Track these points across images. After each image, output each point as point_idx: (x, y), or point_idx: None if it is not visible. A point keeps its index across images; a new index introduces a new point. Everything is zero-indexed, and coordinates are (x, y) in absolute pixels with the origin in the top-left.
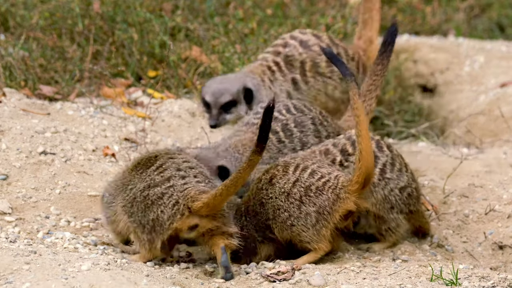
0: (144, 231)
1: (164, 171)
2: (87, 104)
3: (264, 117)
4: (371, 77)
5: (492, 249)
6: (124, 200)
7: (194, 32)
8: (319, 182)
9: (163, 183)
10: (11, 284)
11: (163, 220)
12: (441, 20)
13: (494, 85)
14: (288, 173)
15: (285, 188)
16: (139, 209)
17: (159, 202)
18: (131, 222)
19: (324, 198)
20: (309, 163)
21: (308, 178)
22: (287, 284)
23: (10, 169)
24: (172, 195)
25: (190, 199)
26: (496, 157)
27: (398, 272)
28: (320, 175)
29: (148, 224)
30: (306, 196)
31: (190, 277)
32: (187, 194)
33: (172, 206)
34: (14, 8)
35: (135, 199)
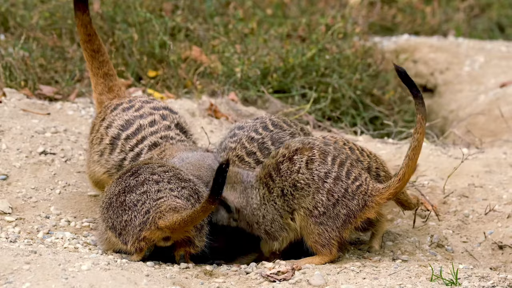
0: (116, 233)
1: (138, 176)
2: (87, 104)
3: (216, 175)
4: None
5: (492, 249)
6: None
7: (194, 32)
8: (353, 185)
9: (138, 188)
10: (11, 284)
11: (134, 225)
12: (441, 20)
13: (494, 85)
14: (327, 163)
15: (328, 183)
16: (114, 213)
17: (133, 208)
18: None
19: (355, 203)
20: (344, 157)
21: (346, 179)
22: (287, 284)
23: (10, 169)
24: (145, 202)
25: (158, 214)
26: (496, 157)
27: (398, 272)
28: (354, 177)
29: (119, 225)
30: (344, 197)
31: (190, 277)
32: (158, 206)
33: (144, 214)
34: (14, 8)
35: (111, 204)
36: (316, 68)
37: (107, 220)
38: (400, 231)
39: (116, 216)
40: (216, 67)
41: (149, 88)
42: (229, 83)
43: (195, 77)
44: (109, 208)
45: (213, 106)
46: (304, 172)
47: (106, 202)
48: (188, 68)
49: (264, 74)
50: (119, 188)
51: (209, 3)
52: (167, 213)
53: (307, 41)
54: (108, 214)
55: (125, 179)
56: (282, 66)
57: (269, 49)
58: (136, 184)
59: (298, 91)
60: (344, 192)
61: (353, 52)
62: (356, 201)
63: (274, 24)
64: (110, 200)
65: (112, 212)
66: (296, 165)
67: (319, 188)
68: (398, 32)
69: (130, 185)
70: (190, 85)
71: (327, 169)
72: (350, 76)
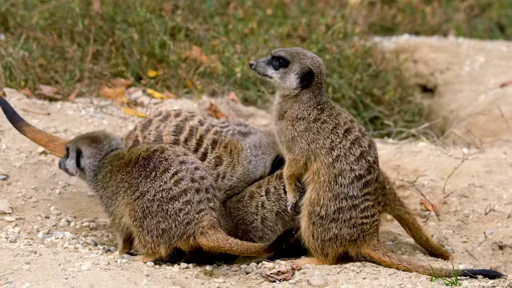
0: (150, 235)
1: (179, 182)
2: (87, 104)
3: (283, 236)
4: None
5: (492, 249)
6: (130, 203)
7: (194, 32)
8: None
9: (180, 197)
10: (11, 284)
11: (173, 233)
12: (441, 20)
13: (494, 85)
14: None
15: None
16: (152, 218)
17: (174, 217)
18: (135, 226)
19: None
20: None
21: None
22: (287, 284)
23: (10, 169)
24: (189, 213)
25: (199, 230)
26: (496, 157)
27: (398, 272)
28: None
29: (156, 231)
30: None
31: (190, 277)
32: (200, 221)
33: (185, 225)
34: (14, 8)
35: (147, 208)
36: None
37: (143, 223)
38: (400, 231)
39: (155, 222)
40: (216, 67)
41: (149, 88)
42: (229, 83)
43: (195, 77)
44: (147, 213)
45: (213, 106)
46: (347, 177)
47: (142, 203)
48: (188, 68)
49: None
50: (155, 188)
51: (209, 3)
52: (209, 230)
53: (307, 41)
54: (146, 221)
55: (160, 176)
56: None
57: (269, 49)
58: (179, 192)
59: None
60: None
61: (353, 52)
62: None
63: (274, 24)
64: (147, 204)
65: (151, 218)
66: (354, 166)
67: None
68: (398, 32)
69: (172, 191)
70: (190, 85)
71: (356, 194)
72: (350, 76)
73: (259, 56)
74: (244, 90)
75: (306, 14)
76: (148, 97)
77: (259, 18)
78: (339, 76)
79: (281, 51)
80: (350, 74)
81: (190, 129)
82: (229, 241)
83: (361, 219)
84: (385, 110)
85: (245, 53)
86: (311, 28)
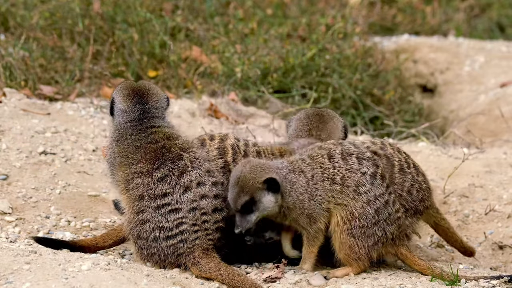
0: (140, 252)
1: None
2: (87, 104)
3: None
4: None
5: (492, 249)
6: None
7: (194, 32)
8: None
9: (176, 236)
10: (11, 284)
11: (163, 259)
12: (441, 20)
13: (494, 85)
14: (383, 185)
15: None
16: (146, 241)
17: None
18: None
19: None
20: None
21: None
22: (287, 284)
23: (10, 169)
24: (180, 248)
25: (190, 261)
26: (496, 157)
27: (398, 272)
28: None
29: (147, 251)
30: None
31: (190, 277)
32: (191, 251)
33: (176, 256)
34: (14, 8)
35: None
36: (316, 68)
37: (136, 241)
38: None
39: (147, 245)
40: (216, 67)
41: None
42: (229, 83)
43: (195, 77)
44: (142, 237)
45: (213, 106)
46: (366, 181)
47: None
48: (188, 68)
49: (264, 74)
50: (156, 222)
51: (209, 3)
52: (201, 259)
53: (307, 41)
54: (140, 241)
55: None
56: (282, 66)
57: (269, 49)
58: (176, 233)
59: (298, 91)
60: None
61: (353, 52)
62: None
63: (274, 24)
64: (145, 233)
65: (145, 241)
66: (363, 168)
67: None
68: (398, 32)
69: (171, 232)
70: (190, 85)
71: (382, 191)
72: (350, 76)
73: (259, 55)
74: (244, 90)
75: (306, 14)
76: None
77: (259, 18)
78: (339, 76)
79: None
80: (350, 74)
81: (232, 148)
82: (220, 272)
83: (395, 213)
84: (385, 110)
85: (245, 53)
86: (311, 28)
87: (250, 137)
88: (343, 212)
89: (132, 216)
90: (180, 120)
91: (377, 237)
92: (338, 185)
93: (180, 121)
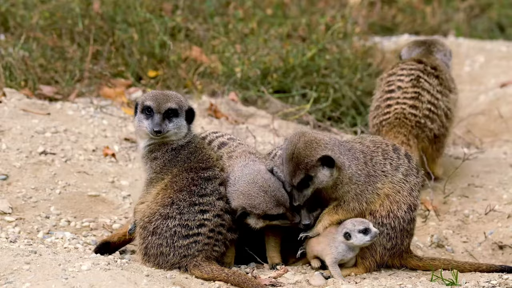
0: (146, 249)
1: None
2: (87, 104)
3: None
4: None
5: (492, 249)
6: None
7: (194, 32)
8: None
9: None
10: (11, 284)
11: (168, 260)
12: (441, 20)
13: (494, 85)
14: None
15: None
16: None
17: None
18: (140, 227)
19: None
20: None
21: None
22: (287, 284)
23: (10, 169)
24: (191, 249)
25: (192, 263)
26: (496, 157)
27: (398, 272)
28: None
29: (154, 250)
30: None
31: (190, 277)
32: (195, 255)
33: (182, 257)
34: (14, 8)
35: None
36: (316, 68)
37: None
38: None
39: (158, 242)
40: (216, 67)
41: (149, 88)
42: (229, 83)
43: (195, 77)
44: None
45: (213, 106)
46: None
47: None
48: (188, 68)
49: (264, 74)
50: (180, 220)
51: (209, 3)
52: (203, 263)
53: (307, 41)
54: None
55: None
56: (282, 66)
57: (269, 49)
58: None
59: (298, 91)
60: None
61: (353, 52)
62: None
63: (274, 24)
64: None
65: (157, 238)
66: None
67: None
68: (398, 32)
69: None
70: (190, 85)
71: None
72: (350, 76)
73: (259, 55)
74: (244, 90)
75: (306, 14)
76: None
77: (259, 18)
78: (339, 76)
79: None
80: (350, 74)
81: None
82: (224, 271)
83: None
84: None
85: (245, 53)
86: (311, 28)
87: (250, 137)
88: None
89: (158, 208)
90: None
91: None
92: (402, 175)
93: None
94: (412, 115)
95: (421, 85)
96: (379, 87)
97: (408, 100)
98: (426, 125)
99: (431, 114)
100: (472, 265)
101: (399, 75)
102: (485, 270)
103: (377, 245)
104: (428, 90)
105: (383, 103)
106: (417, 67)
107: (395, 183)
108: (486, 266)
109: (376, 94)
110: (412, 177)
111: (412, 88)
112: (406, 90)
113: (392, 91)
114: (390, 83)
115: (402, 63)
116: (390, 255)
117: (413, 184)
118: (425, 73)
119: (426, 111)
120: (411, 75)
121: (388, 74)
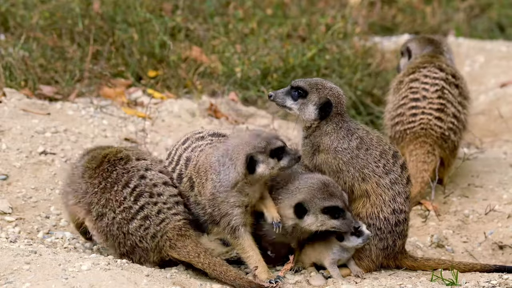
0: (120, 250)
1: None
2: (87, 104)
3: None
4: None
5: (492, 249)
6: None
7: (194, 32)
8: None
9: (138, 213)
10: (11, 284)
11: (144, 248)
12: (441, 20)
13: (494, 85)
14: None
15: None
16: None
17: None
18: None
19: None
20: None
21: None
22: (287, 284)
23: (10, 169)
24: (149, 227)
25: (167, 243)
26: (496, 157)
27: (398, 272)
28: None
29: (124, 248)
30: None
31: (190, 277)
32: (164, 232)
33: (151, 239)
34: (14, 8)
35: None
36: (316, 68)
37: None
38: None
39: (117, 242)
40: (216, 67)
41: (149, 88)
42: (229, 83)
43: (195, 77)
44: (109, 236)
45: (213, 106)
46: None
47: (106, 224)
48: (188, 68)
49: (264, 74)
50: (118, 210)
51: (209, 3)
52: (177, 242)
53: (307, 41)
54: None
55: (119, 192)
56: (282, 66)
57: (269, 49)
58: (137, 210)
59: None
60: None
61: (353, 52)
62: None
63: (274, 24)
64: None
65: (113, 240)
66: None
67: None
68: (398, 32)
69: (132, 210)
70: (190, 85)
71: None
72: (350, 76)
73: (259, 55)
74: (244, 90)
75: (306, 14)
76: (148, 97)
77: (259, 18)
78: (339, 76)
79: (300, 81)
80: (350, 74)
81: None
82: (200, 259)
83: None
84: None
85: (245, 53)
86: (311, 28)
87: None
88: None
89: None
90: (180, 120)
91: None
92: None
93: (180, 121)
94: (438, 127)
95: (446, 97)
96: (398, 90)
97: (434, 111)
98: (450, 137)
99: (454, 127)
100: (467, 265)
101: (423, 83)
102: (480, 270)
103: (371, 245)
104: (452, 103)
105: (408, 111)
106: (440, 76)
107: (380, 186)
108: (480, 266)
109: (394, 97)
110: (399, 186)
111: (438, 99)
112: (431, 101)
113: (417, 99)
114: (415, 91)
115: (423, 67)
116: (385, 256)
117: (397, 192)
118: (447, 82)
119: (450, 124)
120: (435, 85)
121: (410, 79)
